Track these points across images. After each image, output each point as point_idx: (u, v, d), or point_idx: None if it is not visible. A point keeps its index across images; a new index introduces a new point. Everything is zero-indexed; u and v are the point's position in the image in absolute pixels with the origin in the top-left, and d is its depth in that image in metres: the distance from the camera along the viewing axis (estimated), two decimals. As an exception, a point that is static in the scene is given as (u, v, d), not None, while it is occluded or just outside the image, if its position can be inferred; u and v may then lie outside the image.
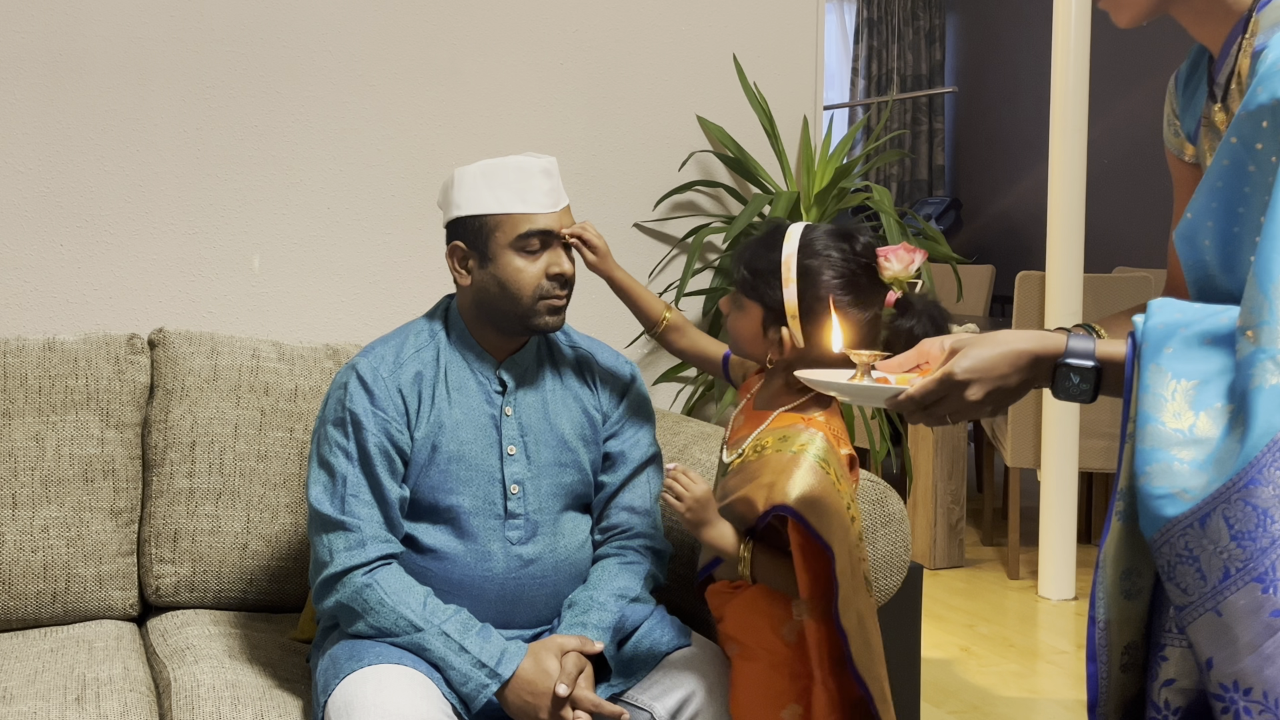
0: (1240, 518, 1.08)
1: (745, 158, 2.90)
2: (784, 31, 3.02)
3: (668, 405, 2.96)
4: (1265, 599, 1.06)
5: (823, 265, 1.72)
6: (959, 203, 7.25)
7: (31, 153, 2.43)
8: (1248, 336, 1.10)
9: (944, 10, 7.96)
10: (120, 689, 1.86)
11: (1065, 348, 1.27)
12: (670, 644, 1.88)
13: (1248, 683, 1.06)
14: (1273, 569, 1.06)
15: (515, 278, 1.86)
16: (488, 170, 1.88)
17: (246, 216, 2.57)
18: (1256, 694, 1.06)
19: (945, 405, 1.32)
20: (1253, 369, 1.09)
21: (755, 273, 1.76)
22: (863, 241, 1.74)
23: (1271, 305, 1.09)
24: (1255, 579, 1.07)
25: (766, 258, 1.75)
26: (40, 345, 2.22)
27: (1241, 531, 1.07)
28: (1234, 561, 1.08)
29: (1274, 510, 1.06)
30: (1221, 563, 1.08)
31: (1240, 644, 1.07)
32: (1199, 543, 1.10)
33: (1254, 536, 1.07)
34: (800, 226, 1.78)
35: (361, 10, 2.64)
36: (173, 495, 2.21)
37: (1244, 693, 1.07)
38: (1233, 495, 1.08)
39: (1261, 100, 1.18)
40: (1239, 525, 1.08)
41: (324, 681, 1.75)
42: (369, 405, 1.86)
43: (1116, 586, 1.21)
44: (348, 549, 1.81)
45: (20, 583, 2.13)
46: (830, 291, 1.71)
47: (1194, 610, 1.10)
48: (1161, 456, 1.13)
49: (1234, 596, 1.08)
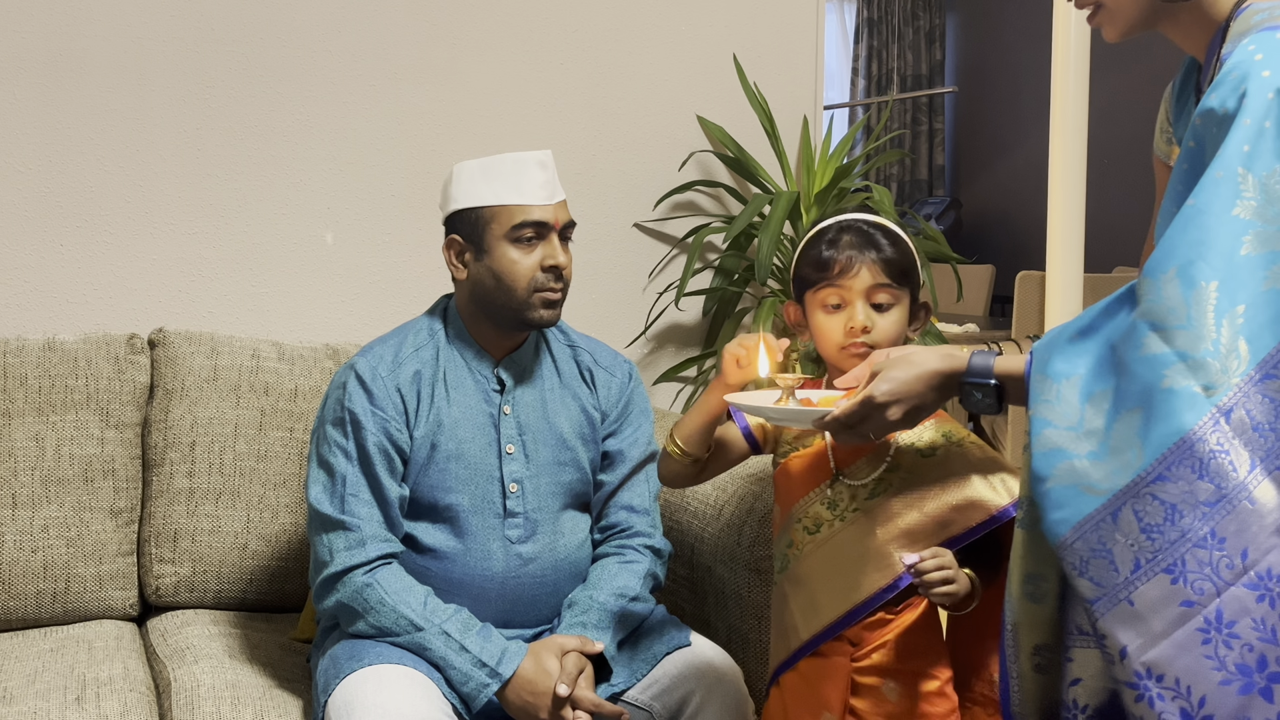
0: (1149, 511, 1.14)
1: (745, 158, 2.90)
2: (784, 31, 3.02)
3: (668, 405, 2.96)
4: (1175, 589, 1.12)
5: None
6: (959, 203, 7.25)
7: (31, 153, 2.43)
8: (1156, 335, 1.16)
9: (944, 10, 7.96)
10: (120, 689, 1.86)
11: (966, 366, 1.38)
12: (670, 644, 1.88)
13: (1160, 670, 1.12)
14: (1181, 562, 1.12)
15: (510, 269, 1.86)
16: (485, 164, 1.89)
17: (246, 216, 2.57)
18: (1169, 680, 1.11)
19: (868, 425, 1.43)
20: (1165, 369, 1.14)
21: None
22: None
23: (1189, 311, 1.14)
24: (1165, 570, 1.13)
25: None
26: (40, 345, 2.22)
27: (1151, 525, 1.13)
28: (1144, 553, 1.13)
29: (1182, 506, 1.12)
30: (1133, 555, 1.14)
31: (1153, 632, 1.12)
32: (1111, 536, 1.15)
33: (1162, 530, 1.13)
34: None
35: (361, 10, 2.64)
36: (173, 495, 2.21)
37: (1157, 679, 1.12)
38: (1141, 490, 1.14)
39: (1210, 105, 1.22)
40: (1148, 519, 1.13)
41: (324, 681, 1.75)
42: (368, 405, 1.86)
43: (1021, 590, 1.27)
44: (348, 548, 1.81)
45: (20, 583, 2.13)
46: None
47: (1108, 601, 1.15)
48: (1062, 457, 1.19)
49: (1145, 587, 1.13)
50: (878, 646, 1.64)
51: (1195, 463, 1.12)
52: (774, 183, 2.90)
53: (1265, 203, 1.16)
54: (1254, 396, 1.12)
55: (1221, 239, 1.16)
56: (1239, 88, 1.19)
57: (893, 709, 1.63)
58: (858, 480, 1.66)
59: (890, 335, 1.64)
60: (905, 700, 1.63)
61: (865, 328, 1.63)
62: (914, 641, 1.64)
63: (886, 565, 1.62)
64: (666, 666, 1.86)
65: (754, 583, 2.06)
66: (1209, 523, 1.12)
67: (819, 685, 1.66)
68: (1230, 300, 1.14)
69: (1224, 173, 1.17)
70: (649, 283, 2.92)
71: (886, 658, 1.64)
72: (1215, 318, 1.14)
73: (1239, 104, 1.18)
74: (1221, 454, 1.12)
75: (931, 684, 1.64)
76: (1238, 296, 1.14)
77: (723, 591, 2.13)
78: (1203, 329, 1.14)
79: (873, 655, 1.64)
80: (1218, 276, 1.15)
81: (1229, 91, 1.20)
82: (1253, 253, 1.15)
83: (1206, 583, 1.11)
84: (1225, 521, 1.12)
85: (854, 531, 1.65)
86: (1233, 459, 1.12)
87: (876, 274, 1.64)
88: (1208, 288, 1.15)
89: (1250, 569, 1.11)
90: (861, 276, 1.64)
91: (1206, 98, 1.23)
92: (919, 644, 1.64)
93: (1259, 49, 1.20)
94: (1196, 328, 1.14)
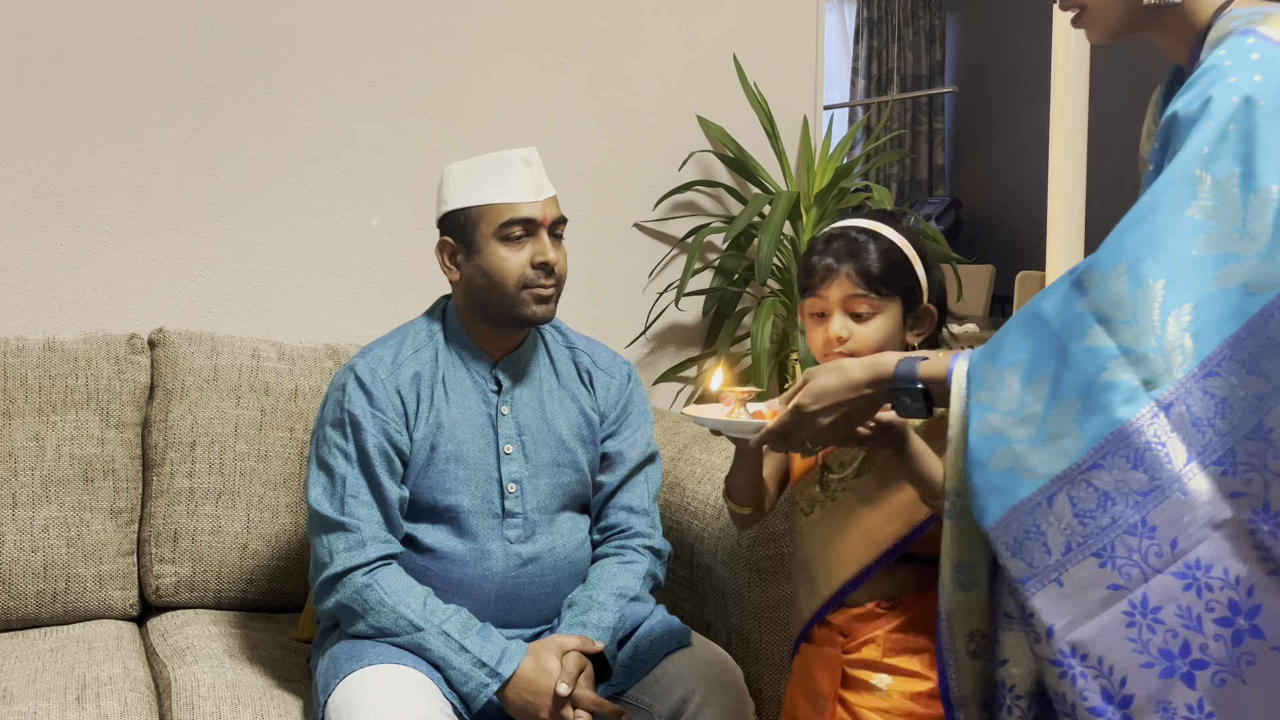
0: (1083, 497, 1.18)
1: (745, 158, 2.90)
2: (784, 31, 3.02)
3: (668, 405, 2.96)
4: (1103, 573, 1.16)
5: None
6: (959, 203, 7.25)
7: (31, 153, 2.43)
8: (1102, 328, 1.19)
9: (944, 10, 7.96)
10: (120, 689, 1.86)
11: (893, 373, 1.39)
12: (670, 644, 1.89)
13: (1084, 649, 1.16)
14: (1111, 547, 1.17)
15: (500, 267, 1.87)
16: (472, 164, 1.89)
17: (246, 216, 2.57)
18: (1092, 660, 1.16)
19: (801, 433, 1.45)
20: (1107, 362, 1.18)
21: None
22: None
23: (1135, 307, 1.17)
24: (1094, 554, 1.17)
25: None
26: (40, 345, 2.22)
27: (1084, 510, 1.18)
28: (1075, 537, 1.18)
29: (1114, 494, 1.17)
30: (1064, 538, 1.18)
31: (1079, 612, 1.17)
32: (1045, 519, 1.19)
33: (1094, 515, 1.17)
34: None
35: (361, 10, 2.64)
36: (173, 495, 2.21)
37: (1080, 658, 1.16)
38: (1077, 476, 1.18)
39: (1174, 109, 1.24)
40: (1081, 504, 1.18)
41: (324, 681, 1.75)
42: (367, 406, 1.86)
43: (952, 579, 1.31)
44: (348, 549, 1.81)
45: (20, 583, 2.13)
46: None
47: (1038, 581, 1.19)
48: (1002, 441, 1.22)
49: (1075, 569, 1.18)
50: (868, 640, 1.66)
51: (1131, 453, 1.16)
52: (774, 183, 2.90)
53: (1220, 204, 1.18)
54: (1195, 392, 1.16)
55: (1173, 238, 1.18)
56: (1204, 93, 1.21)
57: (881, 704, 1.64)
58: (840, 472, 1.70)
59: (871, 344, 1.64)
60: (894, 697, 1.64)
61: (840, 338, 1.64)
62: (906, 640, 1.65)
63: (871, 543, 1.65)
64: (666, 666, 1.86)
65: (754, 583, 2.06)
66: (1140, 511, 1.16)
67: (814, 672, 1.70)
68: (1178, 298, 1.17)
69: (1181, 174, 1.19)
70: (649, 283, 2.92)
71: (876, 652, 1.65)
72: (1161, 314, 1.17)
73: (1202, 108, 1.20)
74: (1158, 446, 1.15)
75: (922, 685, 1.64)
76: (1186, 295, 1.17)
77: (723, 591, 2.13)
78: (1147, 325, 1.17)
79: (863, 648, 1.66)
80: (1165, 274, 1.18)
81: (1194, 96, 1.22)
82: (1204, 253, 1.18)
83: (1134, 568, 1.16)
84: (1157, 511, 1.15)
85: (842, 510, 1.68)
86: (1169, 451, 1.15)
87: (853, 284, 1.64)
88: (1155, 285, 1.18)
89: (1179, 558, 1.15)
90: (838, 286, 1.65)
91: (1174, 102, 1.25)
92: (911, 643, 1.65)
93: (1229, 54, 1.22)
94: (1141, 323, 1.17)
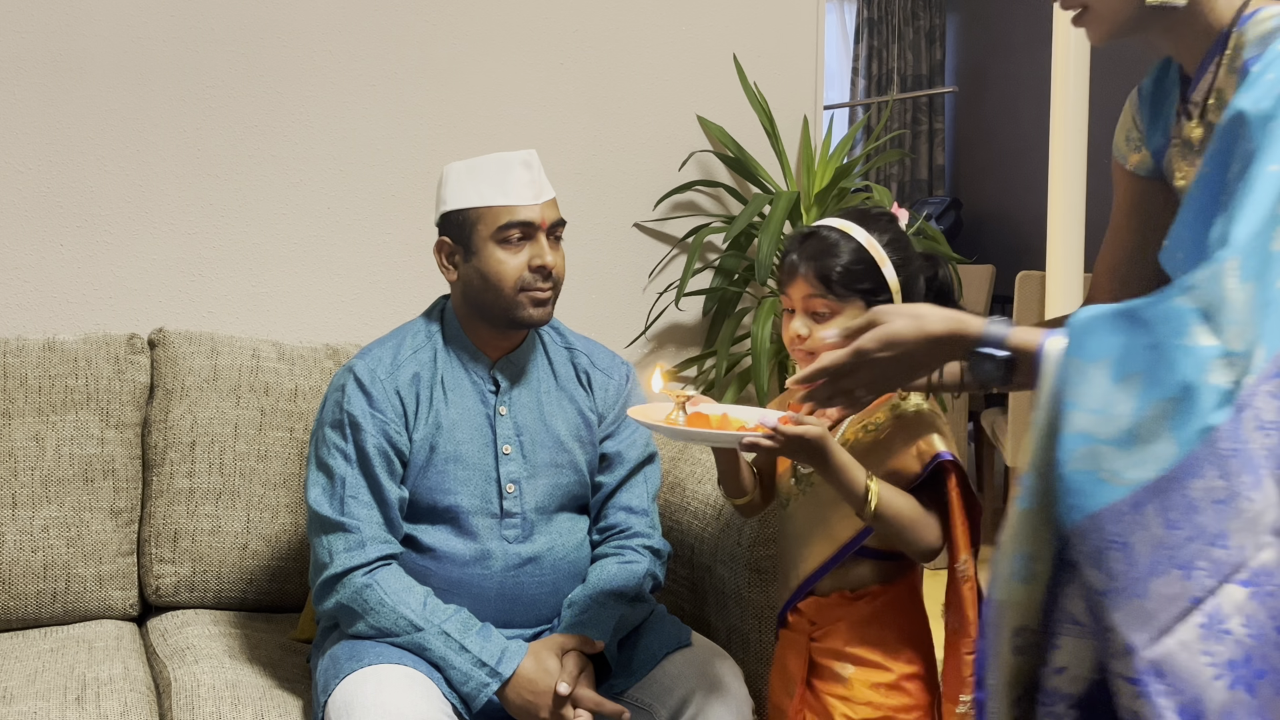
0: (1174, 506, 1.13)
1: (745, 158, 2.90)
2: (784, 31, 3.02)
3: (668, 405, 2.96)
4: (1185, 586, 1.12)
5: None
6: (959, 203, 7.24)
7: (31, 153, 2.43)
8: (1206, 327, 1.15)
9: (944, 10, 7.96)
10: (120, 689, 1.86)
11: (981, 334, 1.33)
12: (670, 644, 1.89)
13: (1162, 666, 1.12)
14: (1193, 559, 1.12)
15: (497, 270, 1.87)
16: (471, 165, 1.89)
17: (246, 216, 2.57)
18: (1170, 678, 1.12)
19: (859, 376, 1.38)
20: (1209, 361, 1.14)
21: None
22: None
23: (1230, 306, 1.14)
24: (1179, 566, 1.13)
25: None
26: (40, 345, 2.22)
27: (1173, 520, 1.13)
28: (1162, 549, 1.13)
29: (1200, 502, 1.12)
30: (1151, 550, 1.13)
31: (1160, 629, 1.12)
32: (1132, 529, 1.14)
33: (1180, 525, 1.13)
34: None
35: (361, 10, 2.64)
36: (173, 495, 2.21)
37: (1159, 676, 1.12)
38: (1170, 486, 1.13)
39: (1241, 107, 1.21)
40: (1172, 514, 1.13)
41: (324, 681, 1.75)
42: (367, 407, 1.86)
43: (1011, 569, 1.25)
44: (347, 550, 1.81)
45: (20, 583, 2.13)
46: None
47: (1120, 595, 1.14)
48: (1085, 441, 1.17)
49: (1158, 583, 1.13)
50: (831, 629, 1.71)
51: (1218, 460, 1.12)
52: (774, 183, 2.90)
53: None
54: (1261, 395, 1.13)
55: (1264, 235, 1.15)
56: (1275, 89, 1.19)
57: (844, 692, 1.70)
58: (809, 467, 1.72)
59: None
60: (857, 686, 1.69)
61: (800, 335, 1.68)
62: (869, 632, 1.70)
63: (831, 538, 1.70)
64: (666, 666, 1.86)
65: (754, 583, 2.06)
66: (1221, 521, 1.12)
67: (787, 657, 1.76)
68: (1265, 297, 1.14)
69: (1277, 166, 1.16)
70: (649, 283, 2.92)
71: (839, 641, 1.71)
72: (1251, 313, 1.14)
73: (1275, 105, 1.18)
74: (1237, 451, 1.12)
75: (884, 675, 1.69)
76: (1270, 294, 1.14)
77: (723, 591, 2.13)
78: (1248, 325, 1.14)
79: (828, 637, 1.72)
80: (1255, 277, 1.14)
81: (1264, 93, 1.20)
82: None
83: (1211, 579, 1.12)
84: (1231, 519, 1.12)
85: (811, 504, 1.74)
86: (1245, 456, 1.12)
87: (809, 286, 1.67)
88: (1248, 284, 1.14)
89: (1245, 565, 1.12)
90: (797, 287, 1.69)
91: (1237, 100, 1.22)
92: (874, 635, 1.70)
93: None
94: (1242, 323, 1.14)
